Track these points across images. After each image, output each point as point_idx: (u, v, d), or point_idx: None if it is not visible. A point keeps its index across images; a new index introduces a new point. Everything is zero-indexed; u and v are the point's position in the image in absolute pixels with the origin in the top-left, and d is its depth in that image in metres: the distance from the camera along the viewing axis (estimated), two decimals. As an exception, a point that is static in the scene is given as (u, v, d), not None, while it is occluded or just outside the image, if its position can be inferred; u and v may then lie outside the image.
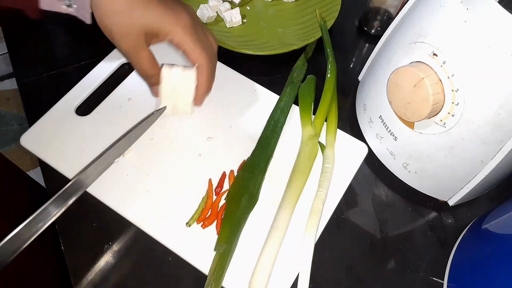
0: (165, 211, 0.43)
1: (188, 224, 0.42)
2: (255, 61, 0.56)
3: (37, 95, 0.52)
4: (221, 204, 0.43)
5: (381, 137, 0.47)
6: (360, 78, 0.55)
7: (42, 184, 0.69)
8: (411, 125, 0.42)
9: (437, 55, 0.36)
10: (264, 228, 0.42)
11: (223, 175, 0.45)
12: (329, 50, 0.53)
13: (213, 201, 0.43)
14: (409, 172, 0.46)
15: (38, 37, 0.57)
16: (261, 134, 0.48)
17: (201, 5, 0.58)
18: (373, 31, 0.61)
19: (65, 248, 0.41)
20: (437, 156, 0.41)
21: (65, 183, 0.38)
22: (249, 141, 0.48)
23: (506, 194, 0.49)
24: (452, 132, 0.38)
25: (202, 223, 0.42)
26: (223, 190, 0.44)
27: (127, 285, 0.40)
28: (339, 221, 0.45)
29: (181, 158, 0.46)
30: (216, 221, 0.42)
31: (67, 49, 0.57)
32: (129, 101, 0.49)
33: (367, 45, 0.61)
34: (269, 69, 0.57)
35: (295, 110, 0.50)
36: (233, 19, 0.57)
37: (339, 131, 0.49)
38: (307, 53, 0.56)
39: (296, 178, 0.44)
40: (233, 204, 0.42)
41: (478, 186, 0.42)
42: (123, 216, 0.42)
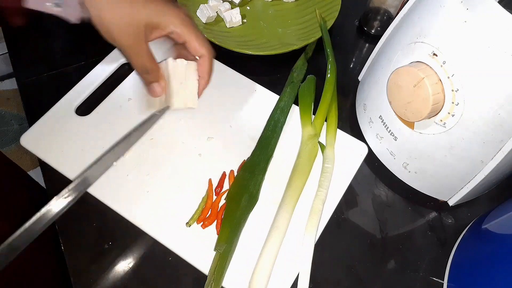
0: (165, 211, 0.43)
1: (188, 224, 0.42)
2: (255, 61, 0.56)
3: (37, 95, 0.52)
4: (221, 204, 0.43)
5: (381, 137, 0.47)
6: (360, 78, 0.55)
7: (42, 184, 0.69)
8: (411, 125, 0.42)
9: (437, 55, 0.36)
10: (264, 228, 0.42)
11: (223, 175, 0.45)
12: (329, 50, 0.53)
13: (213, 201, 0.43)
14: (409, 172, 0.46)
15: (38, 37, 0.57)
16: (261, 134, 0.48)
17: (201, 5, 0.58)
18: (373, 31, 0.61)
19: (65, 248, 0.41)
20: (437, 156, 0.41)
21: (65, 183, 0.38)
22: (249, 141, 0.48)
23: (506, 194, 0.49)
24: (452, 132, 0.38)
25: (202, 223, 0.42)
26: (223, 190, 0.44)
27: (127, 285, 0.40)
28: (339, 221, 0.45)
29: (181, 158, 0.46)
30: (216, 221, 0.42)
31: (67, 49, 0.57)
32: (129, 101, 0.49)
33: (367, 45, 0.61)
34: (269, 69, 0.57)
35: (295, 110, 0.50)
36: (233, 19, 0.57)
37: (339, 131, 0.49)
38: (307, 53, 0.56)
39: (296, 178, 0.44)
40: (233, 204, 0.42)
41: (478, 186, 0.42)
42: (123, 216, 0.42)
